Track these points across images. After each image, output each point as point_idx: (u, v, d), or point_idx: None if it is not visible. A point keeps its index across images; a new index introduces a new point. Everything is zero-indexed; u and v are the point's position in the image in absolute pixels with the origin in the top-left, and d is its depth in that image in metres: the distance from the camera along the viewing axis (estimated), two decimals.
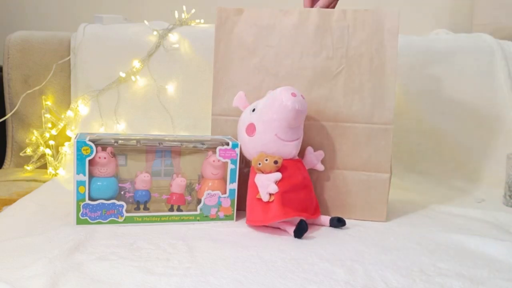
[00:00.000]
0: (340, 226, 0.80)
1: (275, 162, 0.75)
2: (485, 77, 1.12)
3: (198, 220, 0.80)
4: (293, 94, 0.75)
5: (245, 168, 0.86)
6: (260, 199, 0.75)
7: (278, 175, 0.75)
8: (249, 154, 0.80)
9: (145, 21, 1.15)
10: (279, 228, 0.77)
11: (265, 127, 0.77)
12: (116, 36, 1.14)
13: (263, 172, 0.76)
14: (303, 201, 0.78)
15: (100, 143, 0.75)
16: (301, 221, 0.74)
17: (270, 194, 0.75)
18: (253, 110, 0.79)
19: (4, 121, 1.18)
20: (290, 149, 0.78)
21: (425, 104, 1.12)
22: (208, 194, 0.80)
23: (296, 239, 0.73)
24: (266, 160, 0.76)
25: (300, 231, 0.73)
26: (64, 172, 1.08)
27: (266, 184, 0.75)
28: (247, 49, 0.88)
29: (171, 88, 1.12)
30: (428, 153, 1.14)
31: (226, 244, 0.71)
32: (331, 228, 0.80)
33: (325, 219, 0.81)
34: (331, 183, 0.86)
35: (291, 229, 0.74)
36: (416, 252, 0.69)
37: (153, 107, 1.12)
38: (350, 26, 0.85)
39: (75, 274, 0.58)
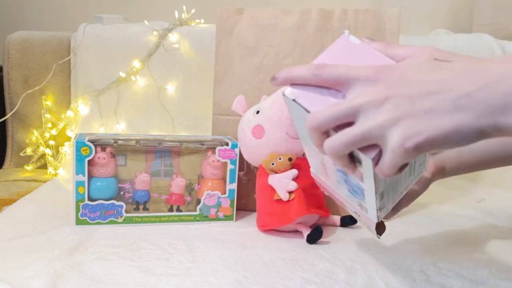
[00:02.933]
0: (352, 224, 0.80)
1: (290, 159, 0.74)
2: None
3: (198, 220, 0.80)
4: None
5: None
6: (278, 200, 0.74)
7: (295, 172, 0.74)
8: (257, 157, 0.78)
9: (145, 21, 1.15)
10: (281, 231, 0.77)
11: (275, 126, 0.76)
12: (116, 36, 1.14)
13: (277, 172, 0.75)
14: (319, 199, 0.77)
15: (100, 144, 0.75)
16: (318, 227, 0.72)
17: (290, 192, 0.73)
18: (257, 112, 0.78)
19: (4, 121, 1.18)
20: (300, 147, 0.78)
21: None
22: (208, 194, 0.80)
23: (296, 239, 0.73)
24: (280, 158, 0.75)
25: (315, 236, 0.71)
26: (64, 172, 1.08)
27: (284, 183, 0.74)
28: (248, 49, 0.88)
29: (171, 88, 1.11)
30: None
31: (226, 244, 0.71)
32: (331, 228, 0.80)
33: (336, 218, 0.80)
34: None
35: (306, 232, 0.72)
36: (416, 252, 0.69)
37: (153, 107, 1.12)
38: (351, 26, 0.85)
39: (75, 274, 0.58)
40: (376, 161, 0.36)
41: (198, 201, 0.80)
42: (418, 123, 0.33)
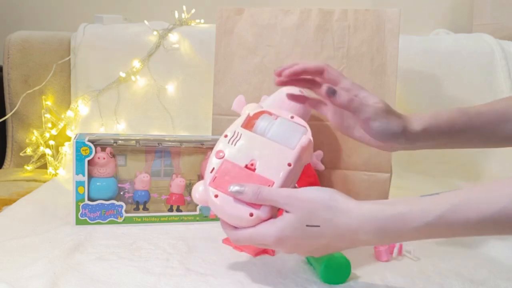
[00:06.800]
0: None
1: None
2: (485, 77, 1.12)
3: (198, 220, 0.80)
4: (301, 92, 0.75)
5: None
6: None
7: None
8: None
9: (145, 21, 1.15)
10: None
11: None
12: (116, 36, 1.14)
13: None
14: None
15: (100, 144, 0.75)
16: None
17: None
18: None
19: (4, 121, 1.18)
20: None
21: (425, 104, 1.12)
22: None
23: None
24: None
25: None
26: (64, 172, 1.07)
27: None
28: (248, 49, 0.88)
29: (171, 88, 1.11)
30: (428, 153, 1.14)
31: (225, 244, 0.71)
32: None
33: None
34: (331, 183, 0.86)
35: None
36: (416, 252, 0.69)
37: (153, 107, 1.12)
38: (351, 26, 0.85)
39: (75, 274, 0.58)
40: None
41: None
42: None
